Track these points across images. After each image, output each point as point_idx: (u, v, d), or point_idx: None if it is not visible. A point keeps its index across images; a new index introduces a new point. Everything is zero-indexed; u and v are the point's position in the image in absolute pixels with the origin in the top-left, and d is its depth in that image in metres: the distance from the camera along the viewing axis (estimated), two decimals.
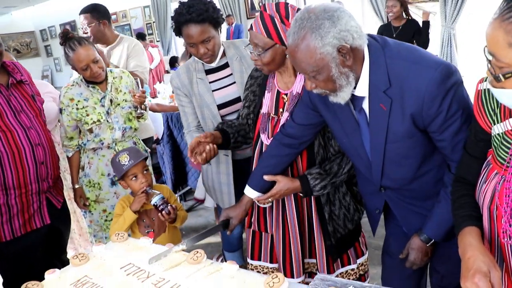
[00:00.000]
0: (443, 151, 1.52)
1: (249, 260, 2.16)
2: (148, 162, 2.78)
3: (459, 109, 1.42)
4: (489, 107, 1.27)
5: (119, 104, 2.60)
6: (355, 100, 1.56)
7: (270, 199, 1.92)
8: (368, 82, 1.48)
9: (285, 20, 1.74)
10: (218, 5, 7.03)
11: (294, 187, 1.87)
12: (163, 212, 2.15)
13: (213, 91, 2.31)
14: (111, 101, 2.58)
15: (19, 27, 13.82)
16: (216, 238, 3.52)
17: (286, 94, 1.91)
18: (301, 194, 1.90)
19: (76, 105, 2.54)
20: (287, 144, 1.85)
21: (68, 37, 2.49)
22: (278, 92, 1.93)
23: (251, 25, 1.81)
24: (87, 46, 2.47)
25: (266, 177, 1.88)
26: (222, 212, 1.99)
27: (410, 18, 5.34)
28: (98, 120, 2.54)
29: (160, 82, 6.90)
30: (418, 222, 1.67)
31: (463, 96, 1.44)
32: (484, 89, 1.28)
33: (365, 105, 1.55)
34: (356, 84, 1.50)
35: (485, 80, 1.28)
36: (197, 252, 1.58)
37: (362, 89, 1.51)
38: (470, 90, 1.43)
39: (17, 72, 2.24)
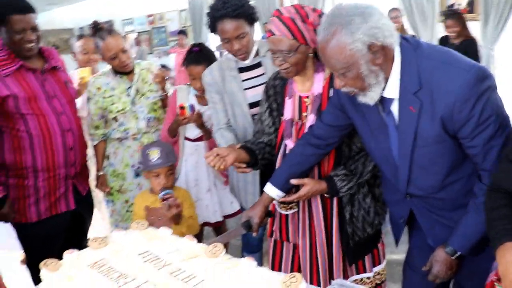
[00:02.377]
0: (474, 159, 1.46)
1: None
2: None
3: (492, 115, 1.37)
4: None
5: (144, 94, 2.64)
6: (384, 102, 1.53)
7: (294, 202, 1.89)
8: (398, 83, 1.45)
9: (306, 19, 1.74)
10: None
11: (321, 188, 1.84)
12: (165, 201, 2.09)
13: (245, 89, 2.30)
14: (137, 91, 2.62)
15: (59, 24, 14.19)
16: (235, 240, 3.48)
17: (308, 97, 1.90)
18: (326, 195, 1.88)
19: (103, 94, 2.59)
20: (314, 144, 1.82)
21: (98, 27, 2.54)
22: (300, 97, 1.92)
23: (270, 31, 1.78)
24: (117, 36, 2.54)
25: (293, 181, 1.85)
26: (242, 214, 1.97)
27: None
28: (123, 109, 2.58)
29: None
30: (445, 234, 1.60)
31: (497, 101, 1.39)
32: None
33: (394, 108, 1.51)
34: (385, 85, 1.47)
35: None
36: (216, 246, 1.57)
37: (392, 90, 1.48)
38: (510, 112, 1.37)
39: (52, 58, 2.30)
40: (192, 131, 2.64)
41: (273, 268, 2.09)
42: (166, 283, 1.39)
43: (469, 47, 5.12)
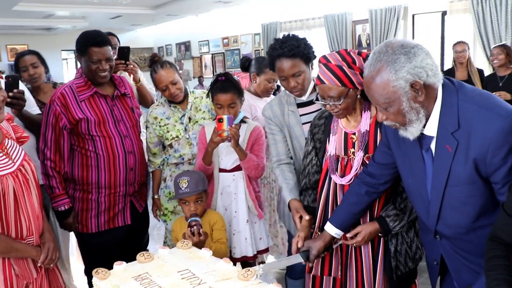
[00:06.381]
0: None
1: None
2: None
3: None
4: None
5: (197, 122, 2.81)
6: (423, 139, 1.61)
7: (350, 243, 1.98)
8: (437, 122, 1.53)
9: (352, 66, 1.85)
10: (327, 46, 7.14)
11: (375, 229, 1.94)
12: (189, 228, 2.18)
13: (302, 124, 2.41)
14: (190, 118, 2.80)
15: (141, 43, 15.06)
16: None
17: (355, 134, 1.99)
18: (380, 235, 1.96)
19: (159, 123, 2.79)
20: (367, 183, 1.91)
21: (154, 60, 2.78)
22: (346, 134, 2.01)
23: (319, 78, 1.89)
24: (168, 69, 2.71)
25: (348, 235, 1.96)
26: (305, 243, 2.05)
27: None
28: (177, 136, 2.76)
29: None
30: (471, 279, 1.62)
31: None
32: None
33: (433, 145, 1.59)
34: (426, 122, 1.55)
35: None
36: (249, 270, 1.70)
37: (432, 128, 1.56)
38: None
39: (122, 86, 2.56)
40: (227, 161, 2.62)
41: None
42: None
43: None
